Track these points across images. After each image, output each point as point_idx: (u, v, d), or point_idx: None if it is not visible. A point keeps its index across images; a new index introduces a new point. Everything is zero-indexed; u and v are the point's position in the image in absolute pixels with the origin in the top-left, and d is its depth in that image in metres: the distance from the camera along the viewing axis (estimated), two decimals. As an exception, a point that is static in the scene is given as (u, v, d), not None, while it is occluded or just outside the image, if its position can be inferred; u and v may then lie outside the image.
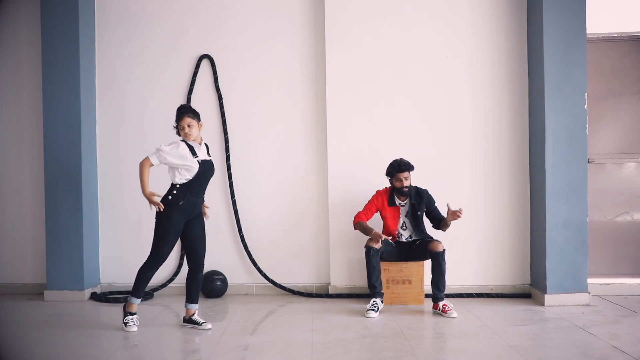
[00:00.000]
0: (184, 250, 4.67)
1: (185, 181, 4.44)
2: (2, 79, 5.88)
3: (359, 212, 5.19)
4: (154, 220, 4.50)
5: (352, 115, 5.64)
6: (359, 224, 5.13)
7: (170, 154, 4.38)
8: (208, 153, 4.60)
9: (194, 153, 4.43)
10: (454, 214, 4.91)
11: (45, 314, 5.09)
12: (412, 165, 5.13)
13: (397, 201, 5.21)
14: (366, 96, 5.64)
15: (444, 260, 4.96)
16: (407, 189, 5.10)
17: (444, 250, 4.99)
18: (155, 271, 4.54)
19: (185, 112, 4.48)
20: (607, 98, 5.81)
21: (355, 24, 5.64)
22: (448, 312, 4.86)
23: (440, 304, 4.93)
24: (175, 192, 4.44)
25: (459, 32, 5.63)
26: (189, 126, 4.45)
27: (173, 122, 4.60)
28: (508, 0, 5.59)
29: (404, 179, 5.07)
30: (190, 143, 4.47)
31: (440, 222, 5.16)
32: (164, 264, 4.58)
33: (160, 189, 4.62)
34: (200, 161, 4.46)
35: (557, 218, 5.19)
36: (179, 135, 4.52)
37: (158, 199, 4.46)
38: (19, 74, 5.86)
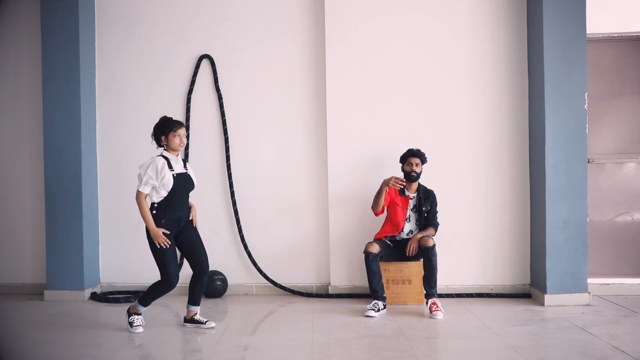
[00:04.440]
0: (185, 257, 4.64)
1: (162, 198, 4.36)
2: (2, 79, 5.88)
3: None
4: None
5: (352, 115, 5.64)
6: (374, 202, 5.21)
7: (154, 177, 4.30)
8: (185, 167, 4.50)
9: (170, 167, 4.35)
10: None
11: (45, 314, 5.09)
12: (425, 157, 5.24)
13: (407, 192, 5.25)
14: (366, 95, 5.64)
15: (434, 255, 4.96)
16: (415, 175, 5.19)
17: (434, 245, 4.99)
18: (167, 293, 4.46)
19: (179, 123, 4.43)
20: (607, 98, 5.80)
21: (355, 23, 5.63)
22: (434, 312, 4.83)
23: (430, 301, 4.93)
24: (154, 212, 4.36)
25: (459, 32, 5.63)
26: (183, 136, 4.42)
27: (150, 135, 4.48)
28: (508, 0, 5.60)
29: (414, 165, 5.18)
30: (168, 155, 4.40)
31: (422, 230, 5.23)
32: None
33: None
34: (175, 175, 4.35)
35: (557, 218, 5.19)
36: (161, 146, 4.44)
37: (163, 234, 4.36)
38: (19, 74, 5.86)
